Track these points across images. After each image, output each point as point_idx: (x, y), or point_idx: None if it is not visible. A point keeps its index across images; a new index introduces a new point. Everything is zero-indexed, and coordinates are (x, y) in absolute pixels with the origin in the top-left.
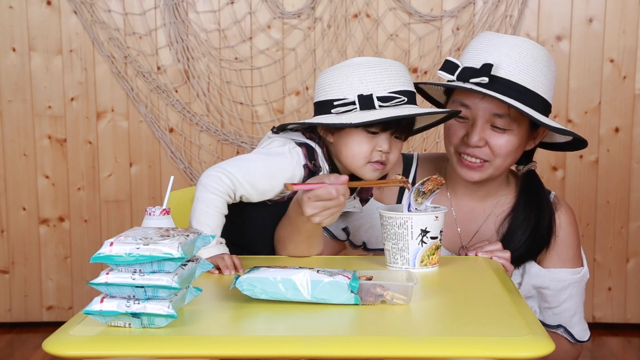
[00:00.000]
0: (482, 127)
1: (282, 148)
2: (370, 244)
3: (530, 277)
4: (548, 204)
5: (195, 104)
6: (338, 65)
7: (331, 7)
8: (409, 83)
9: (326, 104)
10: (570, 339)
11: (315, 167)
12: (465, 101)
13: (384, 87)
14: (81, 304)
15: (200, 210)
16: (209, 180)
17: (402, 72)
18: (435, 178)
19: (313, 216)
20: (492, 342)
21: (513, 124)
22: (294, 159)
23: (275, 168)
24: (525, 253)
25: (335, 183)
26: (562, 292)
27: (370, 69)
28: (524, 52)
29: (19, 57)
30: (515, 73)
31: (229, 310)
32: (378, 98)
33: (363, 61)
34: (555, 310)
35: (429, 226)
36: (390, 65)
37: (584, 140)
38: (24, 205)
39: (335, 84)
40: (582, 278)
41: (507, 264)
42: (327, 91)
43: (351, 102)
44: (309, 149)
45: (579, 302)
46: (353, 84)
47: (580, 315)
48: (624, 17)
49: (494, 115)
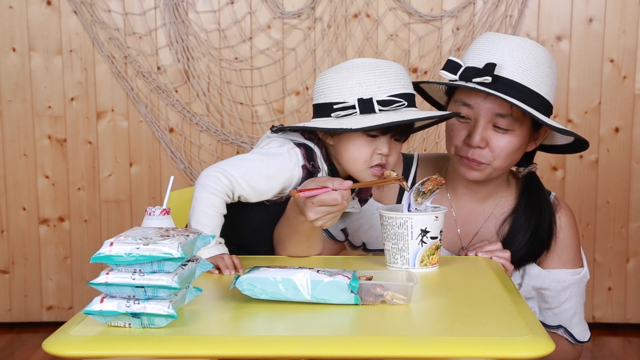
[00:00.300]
0: (484, 126)
1: (281, 148)
2: (369, 245)
3: (530, 279)
4: (548, 205)
5: (195, 104)
6: (338, 67)
7: (331, 7)
8: (408, 85)
9: (326, 107)
10: (570, 340)
11: (314, 167)
12: (467, 101)
13: (384, 91)
14: (81, 304)
15: (199, 211)
16: (208, 181)
17: (402, 74)
18: (435, 178)
19: (316, 220)
20: (492, 342)
21: (515, 124)
22: (292, 159)
23: (273, 168)
24: (526, 255)
25: (340, 188)
26: (562, 293)
27: (370, 72)
28: (527, 53)
29: (19, 57)
30: (518, 73)
31: (229, 310)
32: (378, 102)
33: (363, 63)
34: (555, 310)
35: (429, 226)
36: (390, 68)
37: (585, 142)
38: (24, 205)
39: (335, 87)
40: (582, 279)
41: (507, 263)
42: (326, 94)
43: (351, 106)
44: (307, 150)
45: (579, 303)
46: (353, 87)
47: (581, 316)
48: (624, 17)
49: (496, 115)
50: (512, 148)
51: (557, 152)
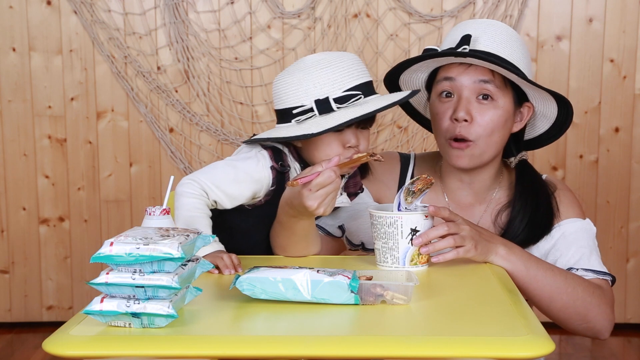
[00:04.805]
0: (467, 99)
1: (249, 153)
2: (368, 244)
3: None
4: (544, 189)
5: (195, 104)
6: (290, 70)
7: (331, 7)
8: (363, 74)
9: (286, 112)
10: (587, 276)
11: (283, 167)
12: (449, 74)
13: (338, 87)
14: (81, 304)
15: (183, 217)
16: (183, 188)
17: (354, 64)
18: (425, 177)
19: (317, 208)
20: (492, 342)
21: (498, 92)
22: (260, 162)
23: (242, 173)
24: (525, 240)
25: (329, 166)
26: (571, 245)
27: (322, 70)
28: (499, 30)
29: (19, 57)
30: (494, 46)
31: (229, 310)
32: (334, 100)
33: (314, 62)
34: (565, 257)
35: (418, 225)
36: (342, 61)
37: (569, 106)
38: (24, 205)
39: (291, 91)
40: (589, 227)
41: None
42: (283, 99)
43: (309, 108)
44: (275, 151)
45: (592, 246)
46: (308, 89)
47: (598, 258)
48: (624, 17)
49: (479, 81)
50: (497, 121)
51: (544, 142)
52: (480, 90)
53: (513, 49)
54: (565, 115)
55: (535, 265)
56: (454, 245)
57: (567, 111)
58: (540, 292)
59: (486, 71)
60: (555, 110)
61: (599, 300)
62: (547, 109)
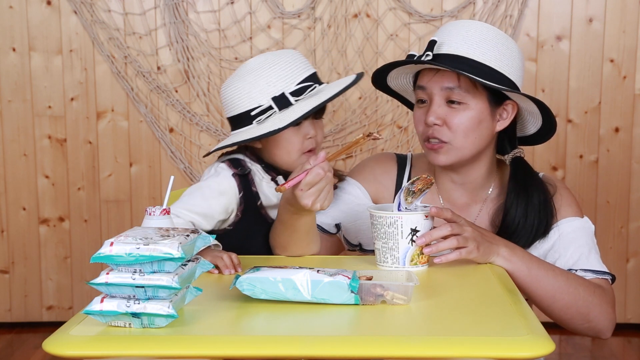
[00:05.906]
0: (438, 104)
1: (209, 172)
2: (366, 246)
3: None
4: (539, 185)
5: (195, 104)
6: (238, 75)
7: (331, 7)
8: (308, 66)
9: (243, 116)
10: (588, 276)
11: (243, 170)
12: (421, 83)
13: (291, 81)
14: (81, 304)
15: None
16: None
17: (298, 58)
18: (425, 177)
19: (313, 204)
20: (492, 342)
21: (467, 96)
22: (220, 174)
23: (207, 190)
24: (525, 239)
25: (316, 163)
26: (569, 245)
27: (271, 68)
28: (472, 31)
29: (19, 57)
30: (462, 49)
31: (229, 310)
32: (291, 93)
33: (261, 63)
34: (564, 258)
35: (419, 225)
36: (286, 57)
37: (550, 115)
38: (24, 205)
39: (244, 94)
40: (587, 226)
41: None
42: (238, 104)
43: (268, 107)
44: (232, 160)
45: (591, 245)
46: (262, 89)
47: (597, 256)
48: (624, 17)
49: (445, 89)
50: (469, 124)
51: (541, 139)
52: (448, 96)
53: (487, 49)
54: (548, 112)
55: (537, 266)
56: (457, 246)
57: (546, 107)
58: (543, 292)
59: (453, 76)
60: (536, 107)
61: (600, 300)
62: (529, 106)
